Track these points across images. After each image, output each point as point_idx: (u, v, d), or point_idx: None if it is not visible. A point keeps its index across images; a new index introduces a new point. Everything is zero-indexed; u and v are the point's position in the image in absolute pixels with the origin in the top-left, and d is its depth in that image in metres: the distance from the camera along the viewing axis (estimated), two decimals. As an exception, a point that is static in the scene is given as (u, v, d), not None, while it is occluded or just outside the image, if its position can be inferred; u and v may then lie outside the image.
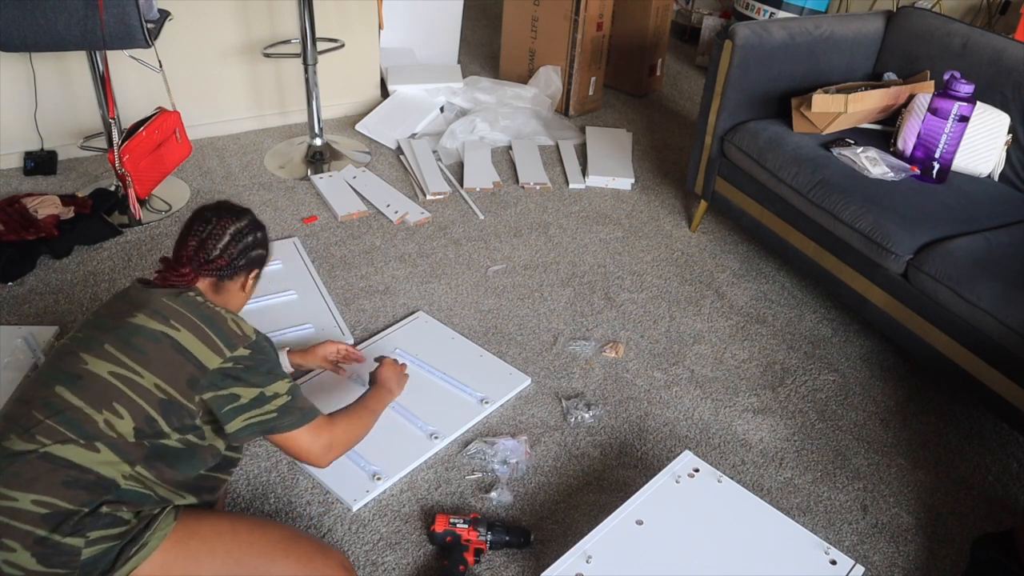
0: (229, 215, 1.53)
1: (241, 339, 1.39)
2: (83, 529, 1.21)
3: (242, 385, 1.37)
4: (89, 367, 1.30)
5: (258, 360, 1.40)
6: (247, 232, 1.53)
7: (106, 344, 1.33)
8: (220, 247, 1.49)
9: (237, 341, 1.38)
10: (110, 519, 1.23)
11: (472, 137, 3.39)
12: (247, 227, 1.54)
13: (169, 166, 2.70)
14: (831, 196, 2.29)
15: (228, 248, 1.50)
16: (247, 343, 1.39)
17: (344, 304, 2.41)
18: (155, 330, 1.34)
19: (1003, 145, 2.39)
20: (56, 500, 1.20)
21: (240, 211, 1.56)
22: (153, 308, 1.37)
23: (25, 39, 2.30)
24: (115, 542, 1.23)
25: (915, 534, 1.85)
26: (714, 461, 1.99)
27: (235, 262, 1.51)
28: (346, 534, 1.72)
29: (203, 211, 1.53)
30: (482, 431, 2.00)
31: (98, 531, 1.22)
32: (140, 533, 1.26)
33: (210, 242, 1.49)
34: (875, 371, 2.34)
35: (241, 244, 1.52)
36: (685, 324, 2.46)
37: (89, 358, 1.31)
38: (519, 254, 2.73)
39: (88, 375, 1.30)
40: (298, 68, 3.28)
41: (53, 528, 1.19)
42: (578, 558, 1.42)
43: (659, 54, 4.03)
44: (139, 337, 1.33)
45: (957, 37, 2.55)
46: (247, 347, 1.39)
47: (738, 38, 2.52)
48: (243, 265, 1.53)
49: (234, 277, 1.53)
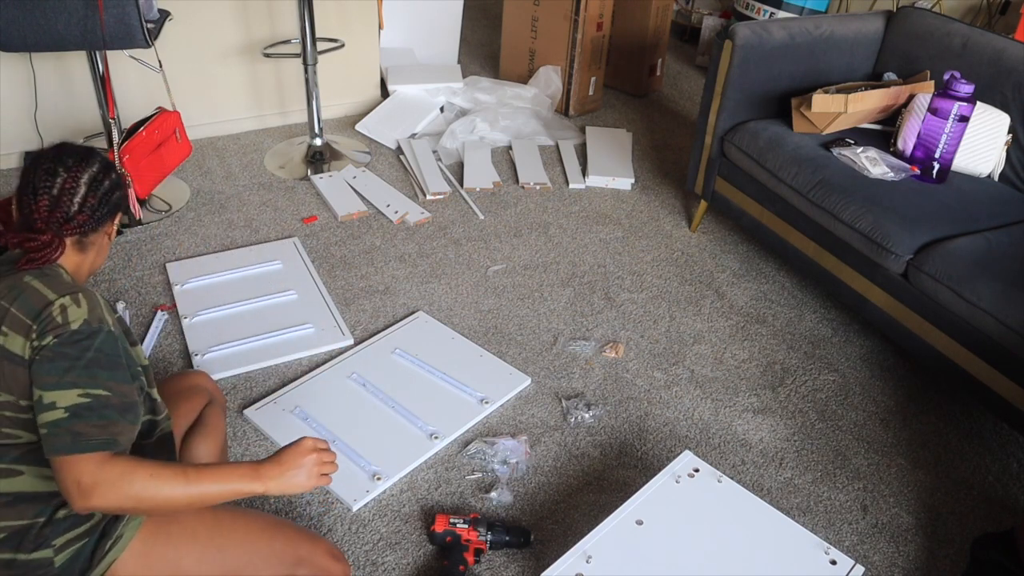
0: (78, 162, 1.30)
1: (55, 328, 1.15)
2: (46, 540, 1.17)
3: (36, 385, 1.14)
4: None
5: (58, 355, 1.14)
6: (102, 176, 1.32)
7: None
8: (77, 201, 1.28)
9: (50, 330, 1.15)
10: (70, 520, 1.20)
11: (472, 137, 3.39)
12: (100, 171, 1.32)
13: (169, 166, 2.70)
14: (831, 196, 2.29)
15: (87, 200, 1.29)
16: (59, 333, 1.15)
17: (344, 304, 2.41)
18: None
19: (1003, 145, 2.39)
20: (6, 522, 1.17)
21: (86, 153, 1.33)
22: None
23: (25, 39, 2.30)
24: (84, 540, 1.20)
25: (915, 534, 1.85)
26: (714, 461, 1.99)
27: (96, 213, 1.31)
28: (346, 534, 1.72)
29: (42, 161, 1.29)
30: (482, 431, 2.00)
31: (61, 536, 1.18)
32: (111, 525, 1.22)
33: (64, 198, 1.27)
34: (875, 371, 2.34)
35: (100, 191, 1.31)
36: (685, 324, 2.46)
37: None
38: (519, 254, 2.73)
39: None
40: (298, 68, 3.28)
41: (16, 548, 1.16)
42: (578, 558, 1.42)
43: (659, 54, 4.03)
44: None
45: (957, 37, 2.55)
46: (56, 336, 1.15)
47: (738, 38, 2.52)
48: (107, 213, 1.33)
49: (98, 229, 1.33)
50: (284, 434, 1.92)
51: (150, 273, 2.47)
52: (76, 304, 1.18)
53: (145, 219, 2.72)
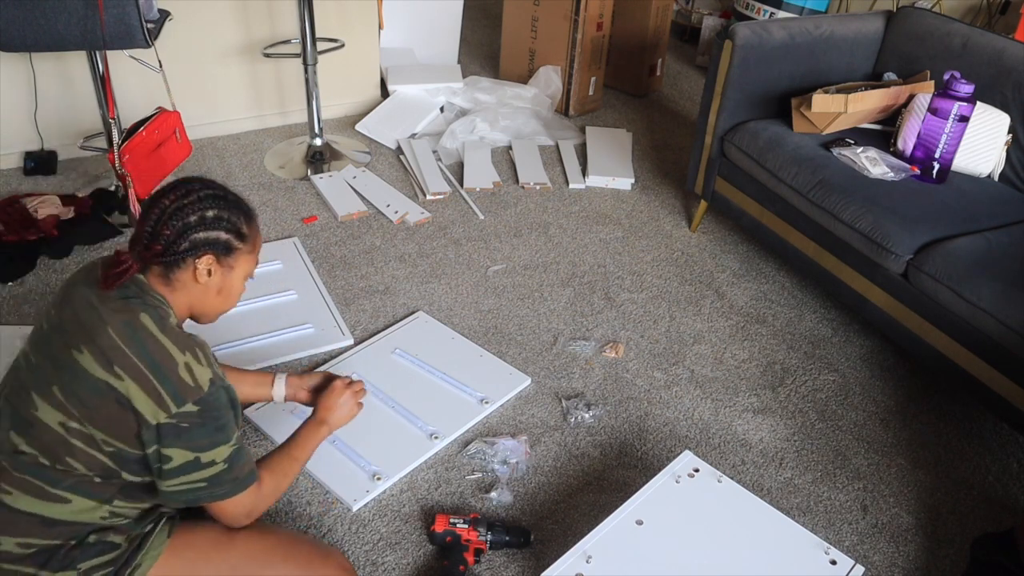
0: (175, 191, 1.28)
1: (191, 392, 1.20)
2: (73, 562, 1.18)
3: (179, 446, 1.21)
4: (39, 415, 1.20)
5: (206, 418, 1.22)
6: (190, 210, 1.26)
7: (54, 386, 1.20)
8: (151, 228, 1.26)
9: (187, 395, 1.20)
10: (100, 547, 1.21)
11: (472, 137, 3.38)
12: (192, 203, 1.27)
13: (169, 166, 2.70)
14: (831, 196, 2.29)
15: (161, 230, 1.25)
16: (197, 397, 1.20)
17: (344, 304, 2.41)
18: (99, 380, 1.18)
19: (1003, 145, 2.39)
20: (39, 540, 1.18)
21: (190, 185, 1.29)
22: (99, 345, 1.19)
23: (25, 39, 2.30)
24: (108, 569, 1.21)
25: (915, 534, 1.85)
26: (714, 461, 1.99)
27: (172, 247, 1.25)
28: (346, 534, 1.72)
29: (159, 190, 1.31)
30: (482, 431, 2.00)
31: (88, 561, 1.20)
32: (132, 555, 1.24)
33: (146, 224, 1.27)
34: (875, 371, 2.34)
35: (179, 224, 1.25)
36: (685, 324, 2.46)
37: (40, 402, 1.20)
38: (519, 254, 2.73)
39: (39, 424, 1.20)
40: (298, 68, 3.28)
41: (42, 565, 1.17)
42: (578, 558, 1.42)
43: (659, 54, 4.03)
44: (83, 387, 1.18)
45: (957, 37, 2.55)
46: (196, 402, 1.20)
47: (738, 38, 2.52)
48: (186, 249, 1.26)
49: (180, 265, 1.27)
50: (284, 434, 1.91)
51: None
52: (198, 361, 1.23)
53: (145, 219, 2.71)
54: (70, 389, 1.19)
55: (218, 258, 1.31)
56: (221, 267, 1.32)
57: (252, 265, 1.39)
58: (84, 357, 1.19)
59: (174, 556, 1.27)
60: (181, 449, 1.20)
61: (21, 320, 2.24)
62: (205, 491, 1.25)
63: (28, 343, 1.28)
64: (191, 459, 1.21)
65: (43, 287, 2.38)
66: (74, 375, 1.19)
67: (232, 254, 1.32)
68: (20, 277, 2.41)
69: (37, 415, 1.20)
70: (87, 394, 1.18)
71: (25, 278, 2.41)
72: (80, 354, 1.19)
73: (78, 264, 2.49)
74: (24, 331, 2.13)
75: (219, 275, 1.32)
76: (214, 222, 1.28)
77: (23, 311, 2.28)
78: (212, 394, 1.22)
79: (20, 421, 1.21)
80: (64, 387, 1.19)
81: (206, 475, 1.23)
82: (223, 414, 1.25)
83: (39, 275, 2.43)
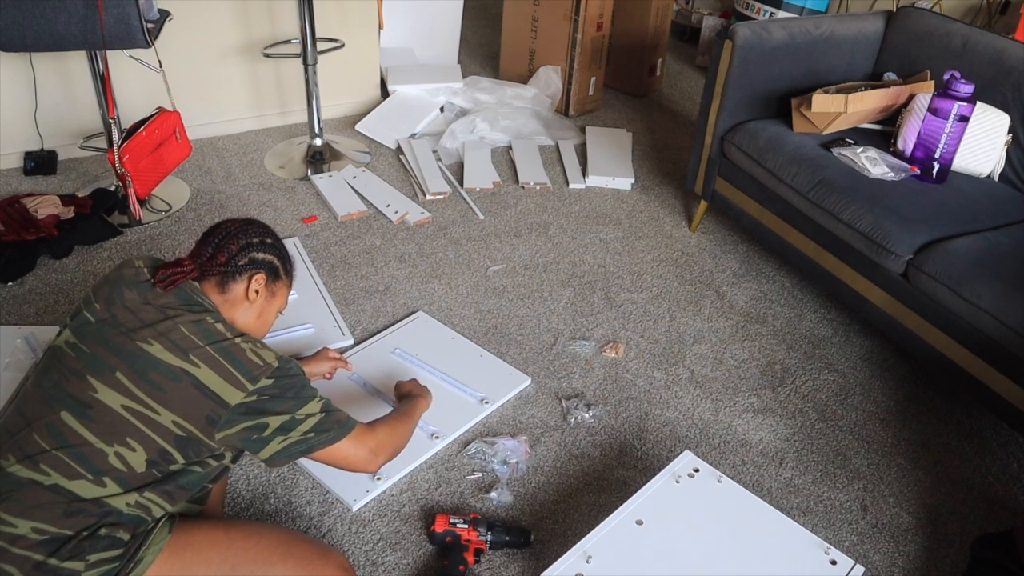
0: (237, 220, 1.49)
1: (263, 369, 1.32)
2: (82, 553, 1.20)
3: (271, 414, 1.32)
4: (99, 396, 1.25)
5: (284, 386, 1.34)
6: (252, 233, 1.47)
7: (117, 372, 1.27)
8: (217, 242, 1.44)
9: (259, 372, 1.31)
10: (108, 541, 1.22)
11: (472, 137, 3.38)
12: (252, 229, 1.48)
13: (169, 166, 2.70)
14: (831, 196, 2.29)
15: (226, 244, 1.43)
16: (269, 372, 1.32)
17: (344, 304, 2.41)
18: (174, 366, 1.27)
19: (1003, 145, 2.39)
20: (56, 528, 1.20)
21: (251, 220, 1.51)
22: (171, 339, 1.29)
23: (25, 39, 2.30)
24: (115, 564, 1.22)
25: (915, 534, 1.85)
26: (714, 461, 1.99)
27: (234, 259, 1.42)
28: (346, 534, 1.72)
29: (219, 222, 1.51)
30: (482, 431, 2.00)
31: (97, 554, 1.21)
32: (136, 550, 1.25)
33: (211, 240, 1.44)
34: (875, 371, 2.34)
35: (242, 242, 1.44)
36: (685, 324, 2.46)
37: (99, 385, 1.26)
38: (519, 254, 2.73)
39: (98, 405, 1.25)
40: (298, 68, 3.28)
41: (51, 553, 1.18)
42: (578, 558, 1.42)
43: (659, 54, 4.03)
44: (156, 373, 1.27)
45: (957, 37, 2.55)
46: (270, 376, 1.32)
47: (738, 38, 2.52)
48: (244, 265, 1.43)
49: (236, 278, 1.42)
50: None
51: (150, 273, 2.47)
52: (257, 345, 1.35)
53: (145, 219, 2.72)
54: (140, 374, 1.27)
55: (267, 280, 1.48)
56: (267, 290, 1.48)
57: (286, 300, 1.57)
58: (154, 347, 1.28)
59: (174, 554, 1.28)
60: (273, 416, 1.32)
61: (21, 320, 2.24)
62: (316, 439, 1.37)
63: (73, 334, 1.33)
64: (287, 419, 1.34)
65: (43, 287, 2.38)
66: (145, 363, 1.27)
67: (278, 281, 1.51)
68: (20, 277, 2.41)
69: (96, 397, 1.26)
70: (160, 378, 1.27)
71: (25, 278, 2.41)
72: (150, 345, 1.29)
73: (78, 264, 2.49)
74: (24, 331, 2.13)
75: (263, 297, 1.48)
76: (271, 247, 1.49)
77: (23, 311, 2.28)
78: (282, 366, 1.35)
79: (76, 403, 1.26)
80: (132, 373, 1.27)
81: (309, 425, 1.36)
82: (299, 379, 1.38)
83: (39, 275, 2.43)
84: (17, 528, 1.19)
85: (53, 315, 2.27)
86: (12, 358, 2.03)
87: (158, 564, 1.27)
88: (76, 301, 2.33)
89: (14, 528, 1.18)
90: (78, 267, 2.48)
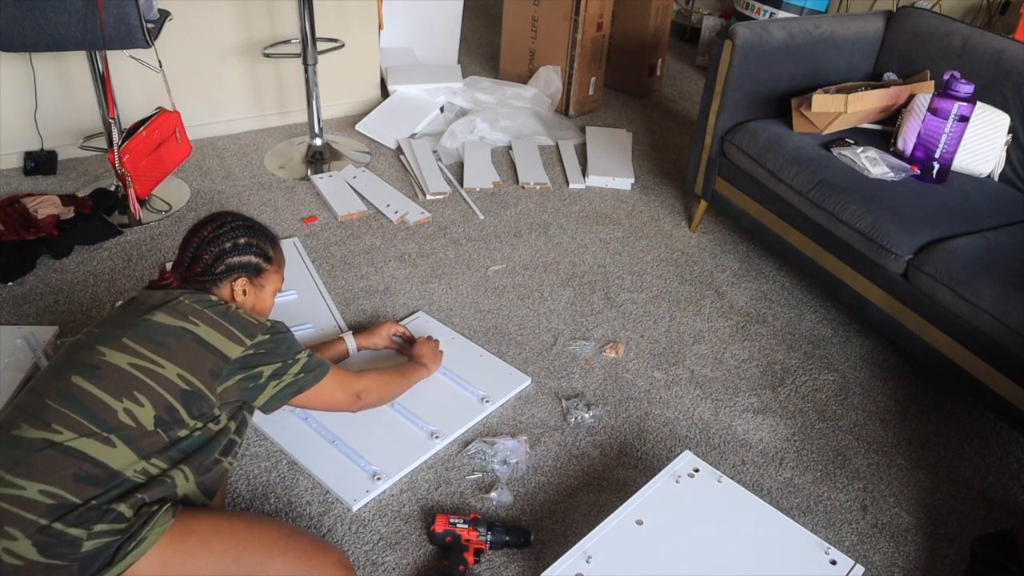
0: (211, 223, 1.55)
1: (259, 327, 1.45)
2: (87, 522, 1.21)
3: (266, 363, 1.44)
4: (107, 359, 1.33)
5: (277, 341, 1.47)
6: (224, 238, 1.53)
7: (124, 338, 1.35)
8: (192, 253, 1.52)
9: (255, 330, 1.44)
10: (114, 515, 1.24)
11: (472, 137, 3.39)
12: (224, 235, 1.53)
13: (169, 166, 2.70)
14: (831, 196, 2.29)
15: (200, 255, 1.51)
16: (264, 329, 1.45)
17: (344, 304, 2.41)
18: (175, 326, 1.37)
19: (1003, 145, 2.39)
20: (64, 492, 1.22)
21: (224, 218, 1.56)
22: (171, 306, 1.40)
23: (25, 39, 2.30)
24: (116, 537, 1.23)
25: (915, 534, 1.85)
26: (714, 461, 1.99)
27: (211, 269, 1.51)
28: (346, 534, 1.72)
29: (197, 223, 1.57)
30: (482, 431, 2.00)
31: (102, 524, 1.22)
32: (138, 529, 1.26)
33: (188, 249, 1.52)
34: (875, 371, 2.34)
35: (215, 250, 1.51)
36: (685, 324, 2.46)
37: (107, 350, 1.34)
38: (519, 254, 2.73)
39: (106, 366, 1.32)
40: (298, 68, 3.28)
41: (57, 517, 1.20)
42: (578, 558, 1.42)
43: (659, 54, 4.03)
44: (159, 333, 1.36)
45: (957, 37, 2.55)
46: (265, 333, 1.45)
47: (738, 38, 2.52)
48: (222, 273, 1.52)
49: (219, 284, 1.52)
50: (284, 434, 1.92)
51: (150, 273, 2.48)
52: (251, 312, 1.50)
53: (145, 219, 2.72)
54: (145, 336, 1.36)
55: (250, 279, 1.56)
56: (253, 287, 1.57)
57: (280, 282, 1.66)
58: (158, 315, 1.39)
59: (176, 539, 1.29)
60: (268, 365, 1.45)
61: (21, 320, 2.24)
62: (304, 378, 1.51)
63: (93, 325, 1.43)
64: (279, 365, 1.46)
65: (43, 287, 2.38)
66: (148, 327, 1.37)
67: (262, 275, 1.59)
68: (20, 277, 2.41)
69: (104, 359, 1.33)
70: (164, 337, 1.36)
71: (25, 278, 2.41)
72: (152, 315, 1.39)
73: (78, 264, 2.49)
74: (24, 331, 2.13)
75: (252, 294, 1.57)
76: (245, 248, 1.55)
77: (23, 311, 2.28)
78: (275, 326, 1.48)
79: (85, 367, 1.32)
80: (137, 336, 1.36)
81: (297, 368, 1.50)
82: (289, 336, 1.50)
83: (39, 275, 2.43)
84: (25, 490, 1.20)
85: (53, 315, 2.27)
86: (12, 358, 2.03)
87: (160, 547, 1.27)
88: (76, 301, 2.33)
89: (22, 491, 1.20)
90: (78, 267, 2.48)
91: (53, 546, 1.19)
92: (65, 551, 1.19)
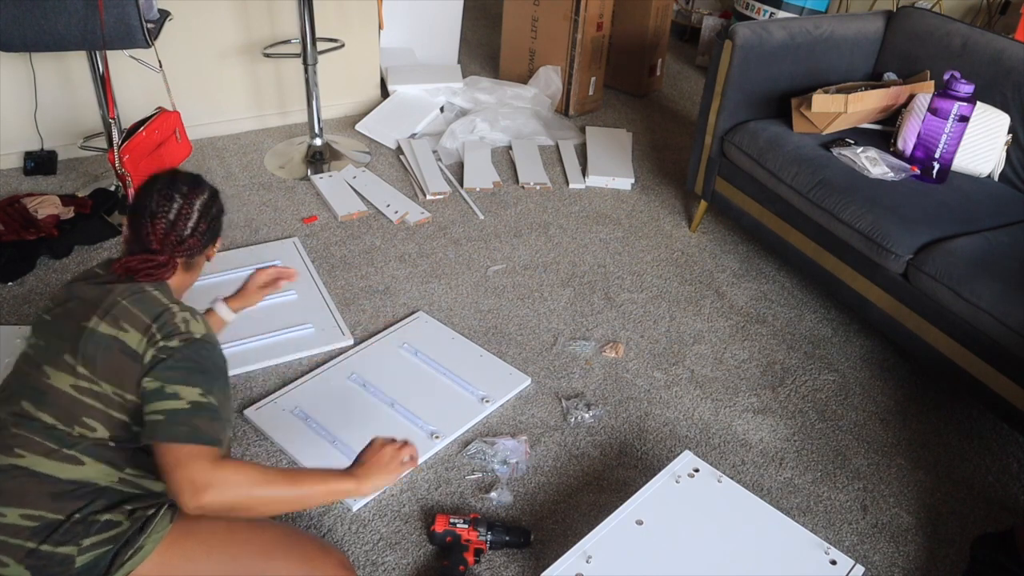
0: (192, 189, 1.42)
1: (180, 334, 1.27)
2: (76, 537, 1.20)
3: (152, 376, 1.23)
4: (51, 381, 1.26)
5: (187, 357, 1.25)
6: (211, 203, 1.46)
7: (65, 354, 1.26)
8: (191, 226, 1.40)
9: (174, 333, 1.26)
10: (103, 524, 1.22)
11: (472, 137, 3.38)
12: (209, 198, 1.45)
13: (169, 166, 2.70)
14: (831, 196, 2.29)
15: (199, 225, 1.41)
16: (184, 338, 1.26)
17: (344, 304, 2.41)
18: (105, 335, 1.25)
19: (1003, 145, 2.39)
20: (45, 512, 1.20)
21: (197, 180, 1.45)
22: (106, 308, 1.28)
23: (25, 39, 2.30)
24: (109, 546, 1.22)
25: (915, 534, 1.85)
26: (714, 461, 1.99)
27: (204, 237, 1.44)
28: (346, 534, 1.72)
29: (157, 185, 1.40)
30: (482, 431, 2.00)
31: (91, 537, 1.21)
32: (135, 536, 1.24)
33: (180, 223, 1.39)
34: (875, 371, 2.34)
35: (209, 217, 1.44)
36: (685, 324, 2.46)
37: (51, 371, 1.26)
38: (519, 254, 2.73)
39: (52, 391, 1.25)
40: (298, 68, 3.28)
41: (44, 539, 1.18)
42: (578, 558, 1.42)
43: (659, 54, 4.03)
44: (92, 345, 1.25)
45: (957, 37, 2.55)
46: (181, 341, 1.26)
47: (738, 38, 2.52)
48: (211, 237, 1.47)
49: (204, 251, 1.47)
50: (284, 434, 1.92)
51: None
52: (195, 319, 1.31)
53: (145, 219, 2.71)
54: (80, 351, 1.25)
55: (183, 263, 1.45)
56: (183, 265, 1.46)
57: None
58: (93, 322, 1.27)
59: (175, 543, 1.28)
60: (152, 379, 1.23)
61: (21, 320, 2.24)
62: (162, 425, 1.19)
63: (31, 333, 1.35)
64: (157, 387, 1.22)
65: (43, 287, 2.38)
66: (85, 338, 1.26)
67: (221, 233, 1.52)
68: (20, 277, 2.41)
69: (49, 382, 1.26)
70: (94, 350, 1.25)
71: (25, 278, 2.41)
72: (88, 322, 1.27)
73: (78, 264, 2.49)
74: (24, 331, 2.13)
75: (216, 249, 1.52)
76: (222, 208, 1.49)
77: (23, 311, 2.28)
78: (200, 343, 1.28)
79: (33, 392, 1.26)
80: (75, 351, 1.26)
81: (167, 407, 1.20)
82: (207, 365, 1.27)
83: (39, 275, 2.43)
84: (6, 517, 1.19)
85: (53, 315, 2.27)
86: (12, 358, 2.03)
87: (159, 552, 1.26)
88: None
89: (3, 518, 1.19)
90: (78, 267, 2.48)
91: (45, 567, 1.18)
92: (59, 570, 1.18)
